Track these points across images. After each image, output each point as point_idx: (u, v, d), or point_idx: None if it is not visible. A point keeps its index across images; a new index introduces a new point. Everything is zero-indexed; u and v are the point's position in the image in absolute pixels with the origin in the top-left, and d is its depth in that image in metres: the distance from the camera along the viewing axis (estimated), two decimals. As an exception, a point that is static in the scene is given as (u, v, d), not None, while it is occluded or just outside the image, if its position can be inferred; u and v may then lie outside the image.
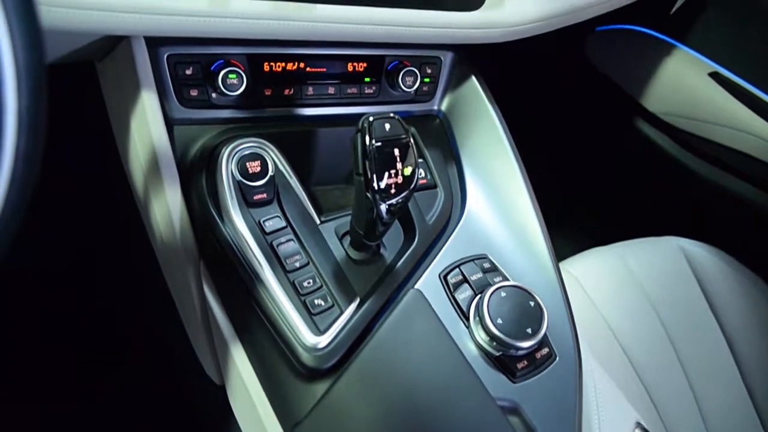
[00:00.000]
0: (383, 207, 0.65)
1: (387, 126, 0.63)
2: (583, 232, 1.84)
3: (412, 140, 0.65)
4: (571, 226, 1.84)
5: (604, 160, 1.91)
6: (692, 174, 1.63)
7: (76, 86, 0.95)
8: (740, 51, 1.55)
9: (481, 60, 0.98)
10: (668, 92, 1.63)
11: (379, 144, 0.62)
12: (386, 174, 0.63)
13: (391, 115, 0.64)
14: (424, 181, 0.87)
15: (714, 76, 1.56)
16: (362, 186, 0.64)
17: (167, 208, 0.76)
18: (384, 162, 0.63)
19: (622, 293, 1.26)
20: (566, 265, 1.28)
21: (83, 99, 0.96)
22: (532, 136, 1.53)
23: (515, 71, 1.76)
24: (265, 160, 0.75)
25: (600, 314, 1.21)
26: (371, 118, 0.63)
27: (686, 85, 1.60)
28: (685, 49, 1.61)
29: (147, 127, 0.76)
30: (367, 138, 0.62)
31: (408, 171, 0.65)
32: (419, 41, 0.82)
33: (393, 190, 0.64)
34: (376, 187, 0.63)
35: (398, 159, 0.64)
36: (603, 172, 1.94)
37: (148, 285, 1.05)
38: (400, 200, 0.65)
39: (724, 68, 1.56)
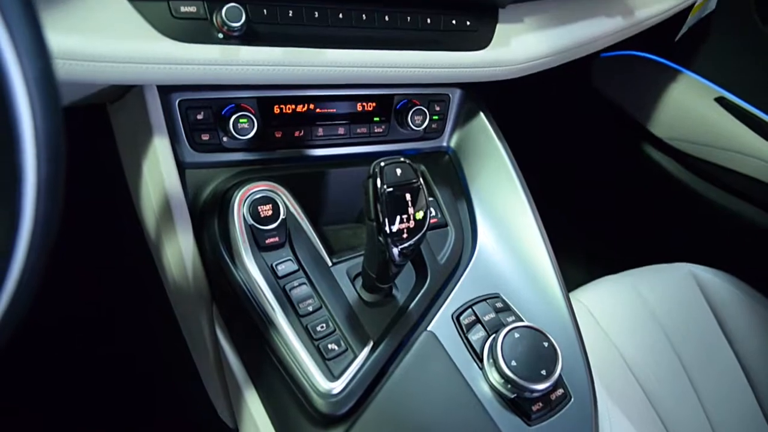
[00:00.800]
0: (395, 251, 0.65)
1: (398, 171, 0.64)
2: (593, 258, 1.84)
3: (423, 183, 0.65)
4: (581, 253, 1.83)
5: (612, 185, 1.91)
6: (701, 198, 1.63)
7: (88, 126, 0.96)
8: (746, 75, 1.55)
9: (487, 88, 0.99)
10: (674, 117, 1.63)
11: (391, 189, 0.63)
12: (398, 219, 0.63)
13: (402, 159, 0.65)
14: (435, 220, 0.87)
15: (720, 101, 1.56)
16: (374, 231, 0.64)
17: (179, 251, 0.77)
18: (396, 207, 0.63)
19: (635, 323, 1.25)
20: (578, 295, 1.28)
21: (95, 139, 0.96)
22: (538, 162, 1.53)
23: (520, 97, 1.76)
24: (277, 204, 0.76)
25: (613, 345, 1.20)
26: (382, 163, 0.63)
27: (692, 110, 1.60)
28: (691, 74, 1.62)
29: (159, 171, 0.76)
30: (379, 183, 0.62)
31: (420, 215, 0.65)
32: (428, 81, 0.82)
33: (405, 235, 0.64)
34: (388, 232, 0.63)
35: (410, 204, 0.64)
36: (611, 198, 1.94)
37: (159, 326, 1.05)
38: (412, 244, 0.65)
39: (729, 93, 1.56)
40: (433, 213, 0.87)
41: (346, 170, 0.86)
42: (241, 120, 0.75)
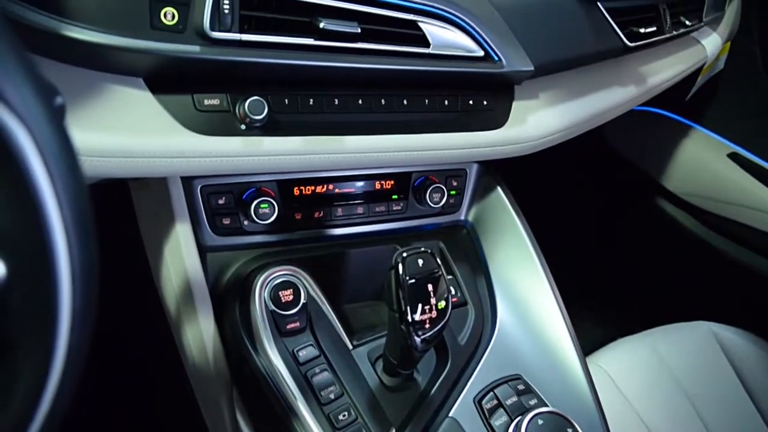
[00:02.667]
0: (418, 340, 0.65)
1: (420, 261, 0.64)
2: (611, 317, 1.82)
3: (444, 272, 0.66)
4: (598, 312, 1.81)
5: (628, 242, 1.90)
6: (718, 254, 1.62)
7: (108, 201, 0.97)
8: (758, 131, 1.56)
9: (504, 159, 0.99)
10: (688, 173, 1.64)
11: (413, 280, 0.63)
12: (420, 309, 0.64)
13: (423, 249, 0.65)
14: (455, 299, 0.87)
15: (733, 156, 1.57)
16: (396, 320, 0.64)
17: (200, 335, 0.77)
18: (418, 297, 0.64)
19: (656, 386, 1.24)
20: (596, 359, 1.26)
21: (115, 214, 0.97)
22: (552, 219, 1.53)
23: (533, 153, 1.77)
24: (298, 288, 0.76)
25: (634, 411, 1.18)
26: (405, 254, 0.64)
27: (705, 165, 1.60)
28: (703, 130, 1.63)
29: (180, 255, 0.77)
30: (401, 274, 0.63)
31: (442, 304, 0.65)
32: (446, 162, 0.83)
33: (428, 325, 0.64)
34: (410, 321, 0.63)
35: (432, 294, 0.64)
36: (627, 255, 1.93)
37: (177, 406, 1.04)
38: (434, 333, 0.65)
39: (742, 148, 1.56)
40: (453, 291, 0.87)
41: (364, 250, 0.87)
42: (262, 205, 0.76)
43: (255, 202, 0.76)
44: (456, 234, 0.97)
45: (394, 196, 0.89)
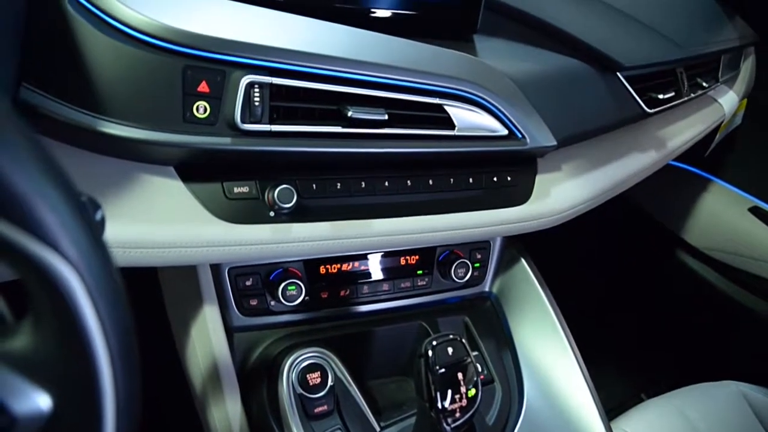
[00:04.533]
0: (448, 429, 0.64)
1: (450, 350, 0.64)
2: (634, 375, 1.79)
3: (473, 359, 0.65)
4: (622, 370, 1.78)
5: (649, 297, 1.88)
6: (743, 310, 1.60)
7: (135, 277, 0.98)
8: (780, 185, 1.55)
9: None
10: (709, 227, 1.62)
11: (443, 370, 0.63)
12: (450, 398, 0.63)
13: (452, 337, 0.65)
14: (482, 377, 0.86)
15: (754, 210, 1.56)
16: (426, 408, 0.64)
17: (227, 415, 0.76)
18: (448, 386, 0.63)
19: (685, 451, 1.21)
20: (621, 423, 1.24)
21: (141, 288, 0.98)
22: (573, 275, 1.52)
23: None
24: (325, 370, 0.76)
25: (663, 478, 1.16)
26: (434, 342, 0.64)
27: (726, 219, 1.59)
28: (723, 184, 1.62)
29: (207, 336, 0.77)
30: (431, 363, 0.62)
31: (472, 392, 0.65)
32: (471, 240, 0.83)
33: (458, 413, 0.64)
34: (440, 408, 0.63)
35: (462, 382, 0.64)
36: (649, 310, 1.90)
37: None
38: (464, 421, 0.65)
39: (763, 202, 1.55)
40: (479, 369, 0.86)
41: (391, 327, 0.87)
42: (289, 288, 0.76)
43: (282, 284, 0.76)
44: (480, 306, 0.96)
45: (419, 272, 0.89)
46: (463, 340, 0.66)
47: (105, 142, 0.61)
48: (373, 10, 0.73)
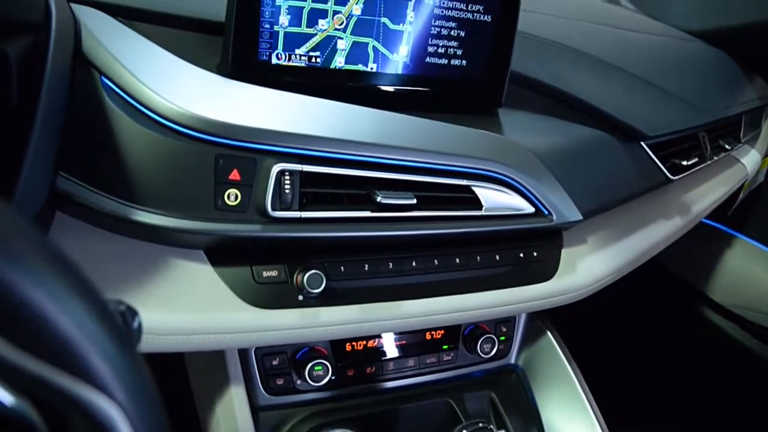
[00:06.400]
0: None
1: (480, 439, 0.63)
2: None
3: None
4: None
5: (675, 356, 1.84)
6: (772, 369, 1.56)
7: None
8: (803, 241, 1.53)
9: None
10: (734, 284, 1.60)
11: (474, 460, 0.62)
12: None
13: (481, 425, 0.64)
14: (510, 457, 0.85)
15: (780, 267, 1.53)
16: None
17: (251, 497, 0.75)
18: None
19: None
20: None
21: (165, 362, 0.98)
22: (596, 335, 1.50)
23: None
24: (352, 451, 0.75)
25: None
26: (465, 431, 0.63)
27: (752, 276, 1.57)
28: (748, 240, 1.60)
29: (233, 414, 0.77)
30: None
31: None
32: (499, 317, 0.83)
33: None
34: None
35: (493, 472, 0.63)
36: (675, 370, 1.86)
37: None
38: None
39: (788, 259, 1.53)
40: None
41: (416, 404, 0.86)
42: (316, 368, 0.76)
43: (309, 365, 0.76)
44: (506, 380, 0.95)
45: (445, 346, 0.89)
46: (492, 427, 0.65)
47: (137, 228, 0.61)
48: (399, 88, 0.74)
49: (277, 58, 0.67)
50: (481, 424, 0.64)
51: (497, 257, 0.80)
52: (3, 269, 0.27)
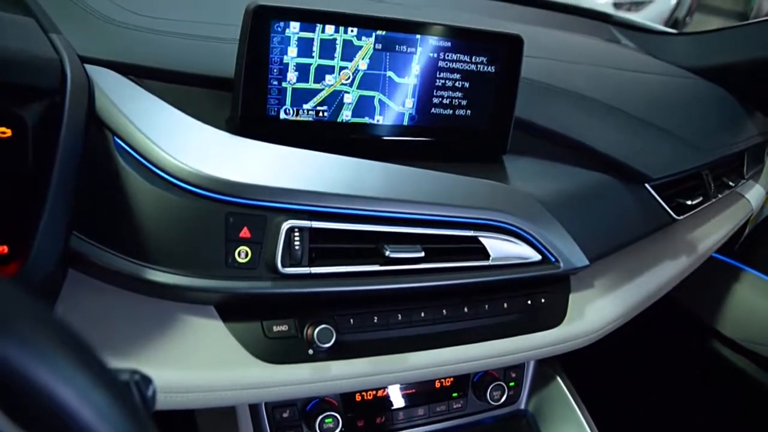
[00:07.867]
0: None
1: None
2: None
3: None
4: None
5: (688, 395, 1.82)
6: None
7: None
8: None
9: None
10: (743, 317, 1.59)
11: None
12: None
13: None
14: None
15: (789, 301, 1.52)
16: None
17: None
18: None
19: None
20: None
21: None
22: (605, 372, 1.48)
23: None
24: None
25: None
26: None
27: (763, 310, 1.56)
28: (756, 273, 1.60)
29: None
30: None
31: None
32: (505, 365, 0.83)
33: None
34: None
35: None
36: (686, 407, 1.83)
37: None
38: None
39: (798, 292, 1.52)
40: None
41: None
42: (326, 420, 0.76)
43: (320, 417, 0.76)
44: (516, 426, 0.95)
45: (454, 394, 0.89)
46: None
47: (149, 286, 0.62)
48: (405, 139, 0.75)
49: (285, 113, 0.68)
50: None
51: (505, 305, 0.81)
52: (7, 350, 0.28)
